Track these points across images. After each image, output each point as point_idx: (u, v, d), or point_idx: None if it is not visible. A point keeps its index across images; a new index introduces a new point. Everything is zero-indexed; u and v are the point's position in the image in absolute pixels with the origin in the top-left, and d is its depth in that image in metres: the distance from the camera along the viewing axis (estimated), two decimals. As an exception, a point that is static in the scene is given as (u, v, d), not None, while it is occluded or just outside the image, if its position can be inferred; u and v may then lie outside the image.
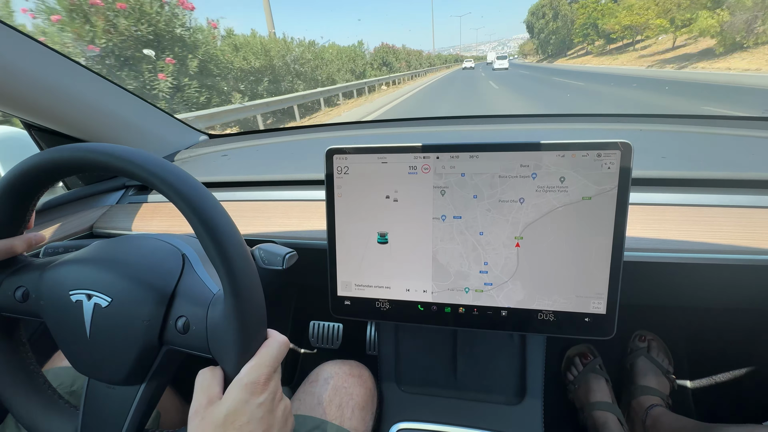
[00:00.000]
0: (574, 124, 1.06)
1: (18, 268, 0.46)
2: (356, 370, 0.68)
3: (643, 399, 0.98)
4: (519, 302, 0.55)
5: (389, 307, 0.60)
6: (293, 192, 0.83)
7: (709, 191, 0.65)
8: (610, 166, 0.49)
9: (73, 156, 0.39)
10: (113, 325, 0.41)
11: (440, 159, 0.53)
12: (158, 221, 0.84)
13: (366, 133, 1.16)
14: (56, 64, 0.76)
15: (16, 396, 0.46)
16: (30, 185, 0.42)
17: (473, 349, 0.72)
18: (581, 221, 0.51)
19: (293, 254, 0.59)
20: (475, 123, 1.15)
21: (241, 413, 0.35)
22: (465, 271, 0.56)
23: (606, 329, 0.53)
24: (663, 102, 8.82)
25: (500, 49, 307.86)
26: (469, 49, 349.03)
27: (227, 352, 0.38)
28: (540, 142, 0.50)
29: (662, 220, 0.62)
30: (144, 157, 0.37)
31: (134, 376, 0.42)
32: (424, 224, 0.56)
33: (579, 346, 1.13)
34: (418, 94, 15.64)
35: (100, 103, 0.87)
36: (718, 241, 0.57)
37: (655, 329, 1.12)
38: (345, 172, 0.57)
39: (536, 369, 0.69)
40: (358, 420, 0.61)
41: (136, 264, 0.44)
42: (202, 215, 0.36)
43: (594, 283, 0.52)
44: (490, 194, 0.53)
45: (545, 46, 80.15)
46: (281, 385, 0.40)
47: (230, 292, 0.37)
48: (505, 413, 0.68)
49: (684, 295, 0.73)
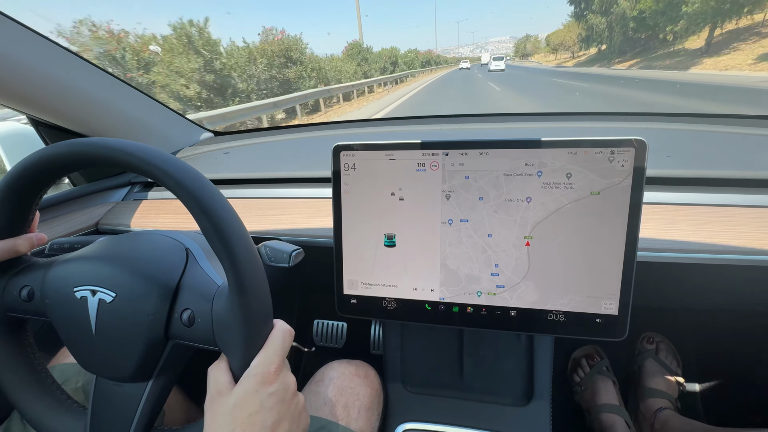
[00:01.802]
0: (582, 123, 1.04)
1: (22, 268, 0.46)
2: (362, 371, 0.67)
3: (652, 402, 0.97)
4: (533, 303, 0.54)
5: (396, 306, 0.59)
6: (299, 189, 0.83)
7: (724, 191, 0.64)
8: (624, 164, 0.48)
9: (72, 151, 0.38)
10: (118, 321, 0.41)
11: (449, 156, 0.53)
12: (163, 218, 0.84)
13: (372, 131, 1.15)
14: (62, 60, 0.76)
15: (24, 396, 0.45)
16: (31, 184, 0.42)
17: (480, 349, 0.71)
18: (591, 218, 0.50)
19: (300, 251, 0.59)
20: (483, 121, 1.14)
21: (251, 403, 0.35)
22: (476, 274, 0.55)
23: (618, 330, 0.52)
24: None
25: (477, 52, 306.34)
26: (448, 52, 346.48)
27: (234, 344, 0.38)
28: (553, 139, 0.49)
29: (675, 220, 0.61)
30: (147, 151, 0.37)
31: (141, 372, 0.42)
32: (431, 227, 0.55)
33: (586, 347, 1.12)
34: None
35: (105, 99, 0.87)
36: (733, 242, 0.56)
37: (663, 331, 1.10)
38: (352, 169, 0.56)
39: (544, 370, 0.68)
40: (364, 421, 0.60)
41: (140, 259, 0.43)
42: (205, 207, 0.36)
43: (606, 283, 0.51)
44: (495, 195, 0.52)
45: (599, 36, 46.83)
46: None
47: (235, 285, 0.36)
48: (513, 415, 0.67)
49: (694, 297, 0.72)
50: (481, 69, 46.59)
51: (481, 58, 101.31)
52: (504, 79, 21.49)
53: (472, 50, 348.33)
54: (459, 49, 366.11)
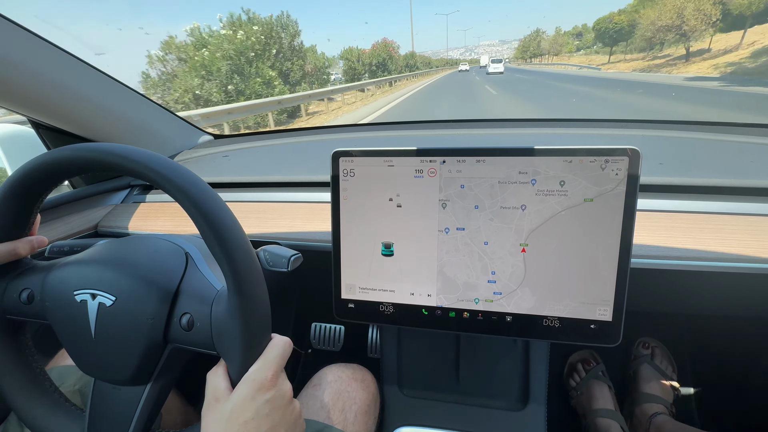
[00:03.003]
0: (577, 129, 1.05)
1: (22, 271, 0.46)
2: (359, 374, 0.67)
3: (647, 407, 0.97)
4: (529, 309, 0.55)
5: (393, 311, 0.59)
6: (297, 193, 0.83)
7: (716, 198, 0.64)
8: (618, 173, 0.49)
9: (74, 156, 0.39)
10: (118, 324, 0.41)
11: (446, 163, 0.53)
12: (163, 221, 0.84)
13: (370, 136, 1.16)
14: (63, 63, 0.76)
15: (22, 398, 0.46)
16: (33, 187, 0.42)
17: (476, 353, 0.71)
18: (585, 225, 0.50)
19: (298, 256, 0.59)
20: (480, 127, 1.15)
21: (247, 409, 0.35)
22: (473, 282, 0.56)
23: (612, 336, 0.53)
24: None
25: (468, 55, 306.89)
26: (437, 55, 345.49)
27: (232, 349, 0.38)
28: (549, 147, 0.50)
29: (669, 227, 0.62)
30: (147, 156, 0.37)
31: (140, 375, 0.42)
32: (428, 236, 0.56)
33: (582, 352, 1.12)
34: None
35: (105, 103, 0.88)
36: (726, 249, 0.57)
37: (658, 336, 1.11)
38: (351, 175, 0.57)
39: (540, 375, 0.69)
40: (360, 424, 0.61)
41: (140, 263, 0.44)
42: (204, 211, 0.36)
43: (601, 289, 0.52)
44: (491, 203, 0.53)
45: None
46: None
47: (234, 290, 0.37)
48: (508, 419, 0.67)
49: (689, 303, 0.72)
50: (479, 71, 47.55)
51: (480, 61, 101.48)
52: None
53: (462, 53, 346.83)
54: (449, 52, 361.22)
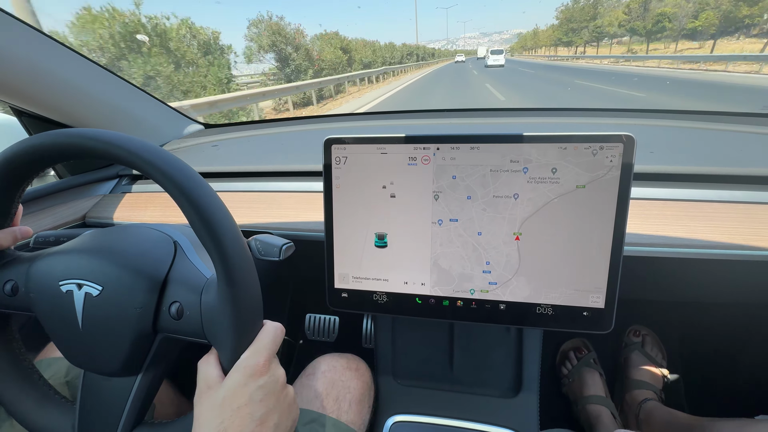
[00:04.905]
0: (571, 118, 1.05)
1: (5, 262, 0.45)
2: (353, 364, 0.67)
3: (637, 393, 0.99)
4: (525, 298, 0.55)
5: (387, 300, 0.59)
6: (289, 183, 0.82)
7: (709, 187, 0.65)
8: (612, 159, 0.48)
9: (56, 142, 0.37)
10: (106, 314, 0.40)
11: (441, 150, 0.53)
12: (152, 211, 0.83)
13: (364, 125, 1.15)
14: (46, 49, 0.74)
15: (10, 392, 0.45)
16: (13, 176, 0.40)
17: (470, 342, 0.72)
18: (578, 212, 0.50)
19: (290, 245, 0.58)
20: (475, 116, 1.15)
21: (240, 395, 0.35)
22: (468, 272, 0.55)
23: (604, 324, 0.53)
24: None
25: (450, 47, 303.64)
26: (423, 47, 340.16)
27: (223, 337, 0.37)
28: (543, 135, 0.49)
29: (662, 216, 0.62)
30: (133, 143, 0.36)
31: (130, 366, 0.41)
32: (422, 228, 0.55)
33: (574, 340, 1.14)
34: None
35: (91, 90, 0.85)
36: (718, 237, 0.57)
37: (649, 324, 1.13)
38: (343, 162, 0.56)
39: (533, 363, 0.69)
40: (355, 413, 0.61)
41: (127, 252, 0.43)
42: (192, 198, 0.35)
43: (594, 277, 0.52)
44: (483, 193, 0.52)
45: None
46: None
47: (224, 277, 0.36)
48: (501, 406, 0.68)
49: (679, 291, 0.73)
50: (476, 63, 45.45)
51: (477, 51, 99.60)
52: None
53: (444, 45, 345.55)
54: (431, 45, 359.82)
